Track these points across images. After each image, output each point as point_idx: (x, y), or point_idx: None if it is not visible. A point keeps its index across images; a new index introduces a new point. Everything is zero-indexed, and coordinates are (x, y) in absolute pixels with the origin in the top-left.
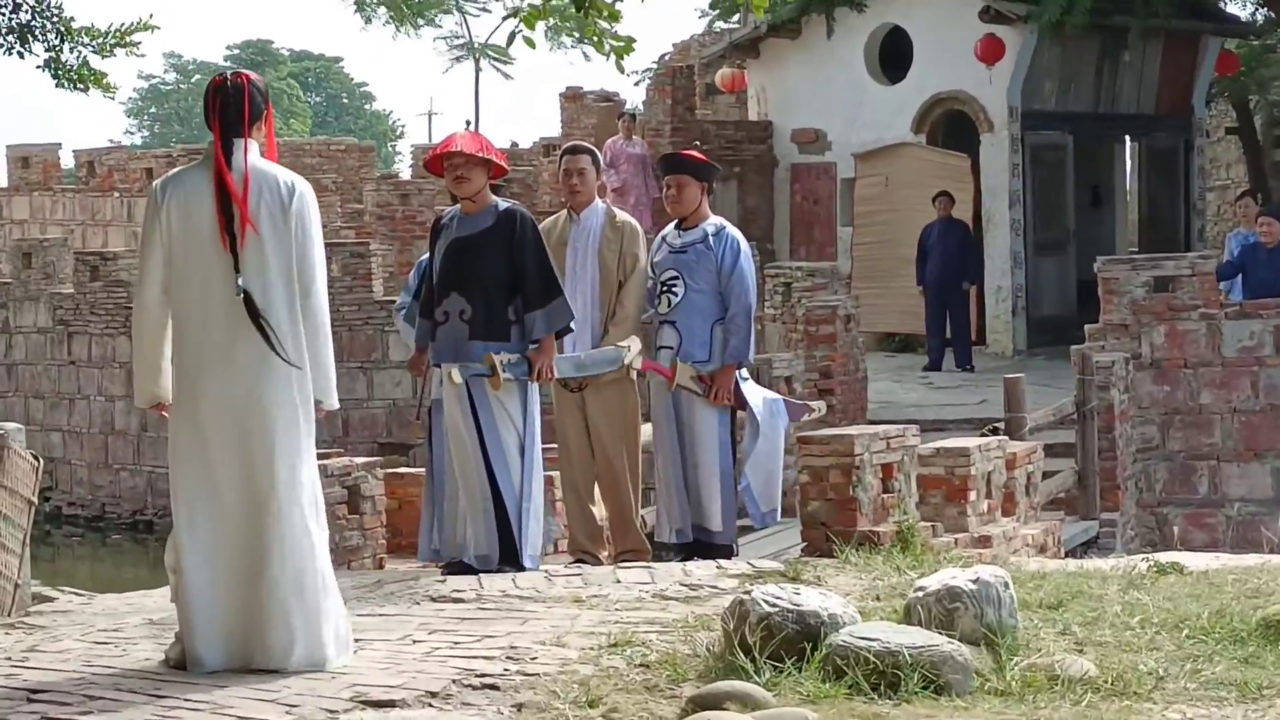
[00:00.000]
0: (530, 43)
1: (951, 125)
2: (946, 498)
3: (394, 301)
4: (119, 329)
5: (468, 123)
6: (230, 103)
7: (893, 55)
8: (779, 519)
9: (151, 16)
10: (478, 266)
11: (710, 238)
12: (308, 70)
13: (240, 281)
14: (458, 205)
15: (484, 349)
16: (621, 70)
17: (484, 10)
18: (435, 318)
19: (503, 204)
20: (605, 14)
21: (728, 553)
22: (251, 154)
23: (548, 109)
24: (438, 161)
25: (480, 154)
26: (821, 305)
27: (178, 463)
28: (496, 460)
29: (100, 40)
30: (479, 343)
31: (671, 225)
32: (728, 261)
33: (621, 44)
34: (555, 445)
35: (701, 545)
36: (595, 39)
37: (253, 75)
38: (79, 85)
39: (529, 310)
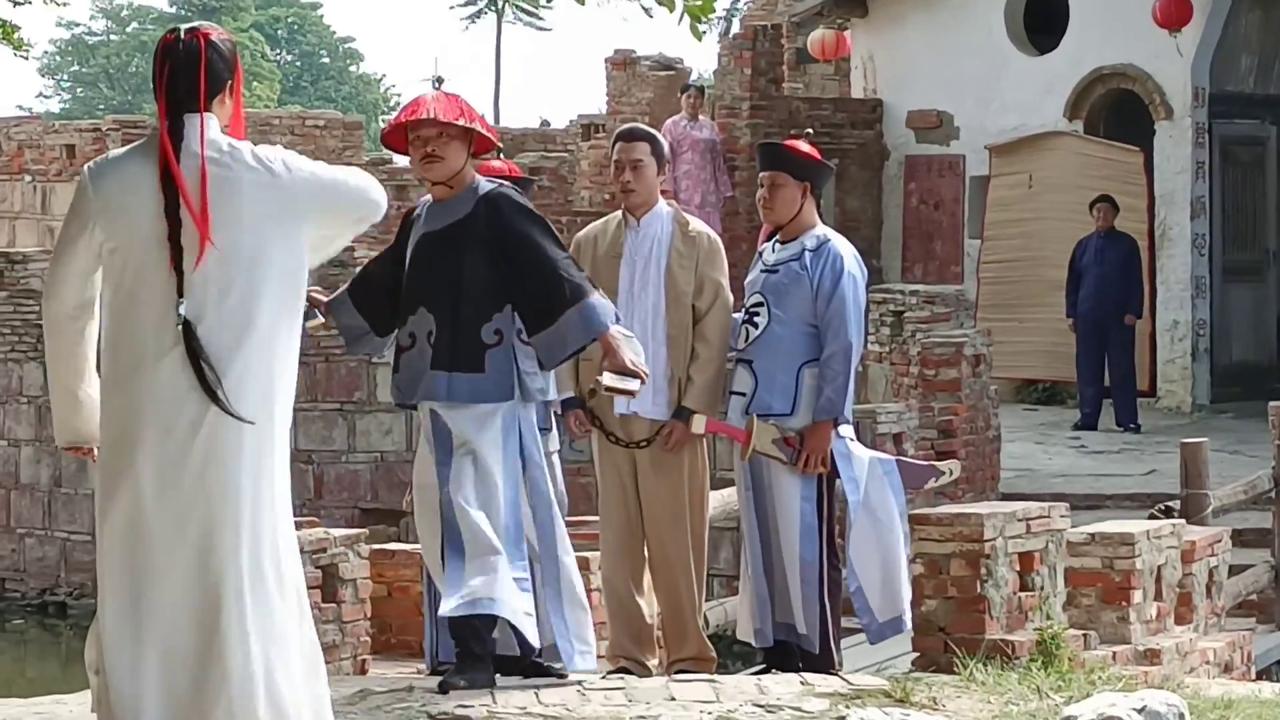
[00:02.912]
0: None
1: (1117, 110)
2: (1103, 598)
3: None
4: (29, 352)
5: (438, 81)
6: (182, 69)
7: (1041, 16)
8: (907, 626)
9: None
10: (445, 270)
11: (807, 253)
12: (277, 20)
13: (182, 309)
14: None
15: (447, 381)
16: (698, 36)
17: None
18: (401, 341)
19: (485, 185)
20: None
21: (820, 662)
22: (211, 133)
23: (590, 78)
24: (400, 133)
25: (459, 121)
26: (942, 342)
27: (106, 531)
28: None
29: None
30: (442, 373)
31: (770, 237)
32: (826, 285)
33: (699, 2)
34: (595, 518)
35: (786, 651)
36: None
37: (214, 32)
38: None
39: (541, 321)
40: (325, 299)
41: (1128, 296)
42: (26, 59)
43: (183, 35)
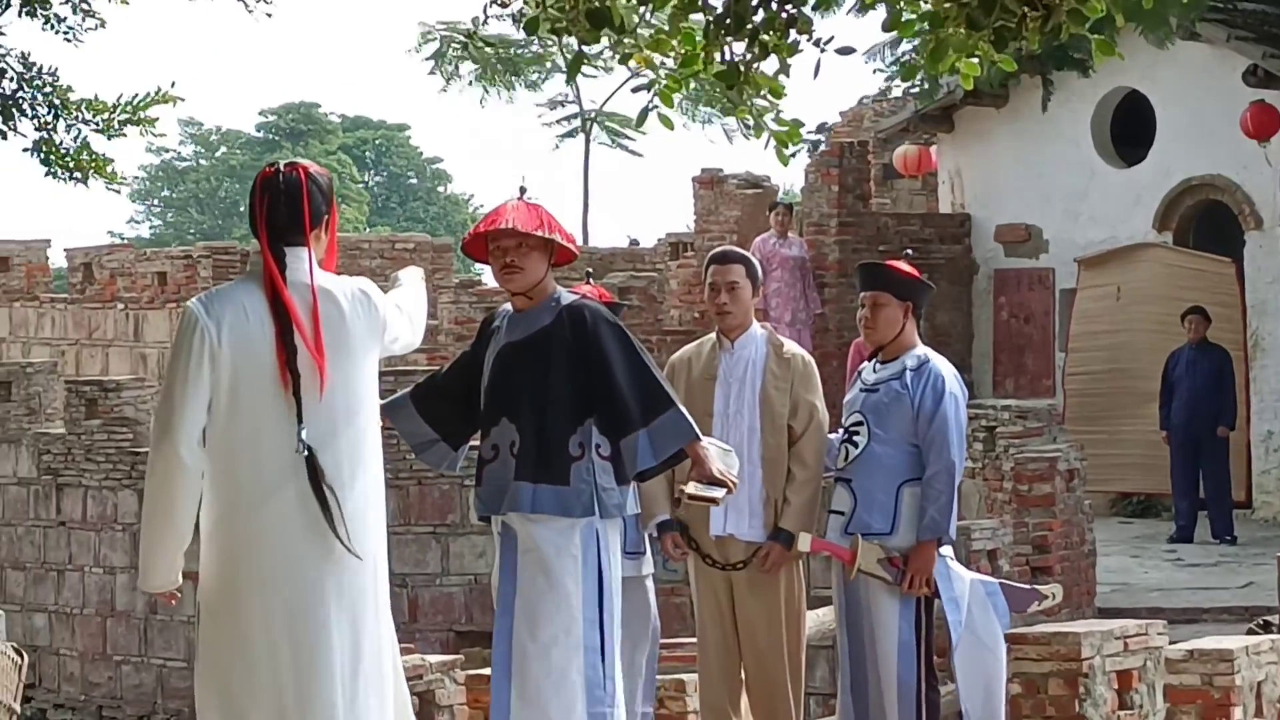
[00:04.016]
0: (667, 122)
1: (1207, 220)
2: (1203, 716)
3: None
4: (123, 480)
5: (522, 190)
6: (283, 201)
7: (1129, 129)
8: None
9: (174, 85)
10: (528, 381)
11: (908, 373)
12: (364, 142)
13: (304, 435)
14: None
15: (532, 492)
16: (784, 162)
17: (605, 69)
18: (483, 453)
19: (567, 297)
20: (764, 90)
21: None
22: (314, 266)
23: (677, 197)
24: (480, 242)
25: (539, 231)
26: (1036, 457)
27: (210, 678)
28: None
29: (106, 116)
30: (526, 484)
31: (868, 356)
32: (927, 405)
33: (785, 128)
34: (691, 640)
35: None
36: (751, 122)
37: (312, 166)
38: (76, 175)
39: (621, 434)
40: (380, 402)
41: (1221, 408)
42: (119, 193)
43: (282, 169)
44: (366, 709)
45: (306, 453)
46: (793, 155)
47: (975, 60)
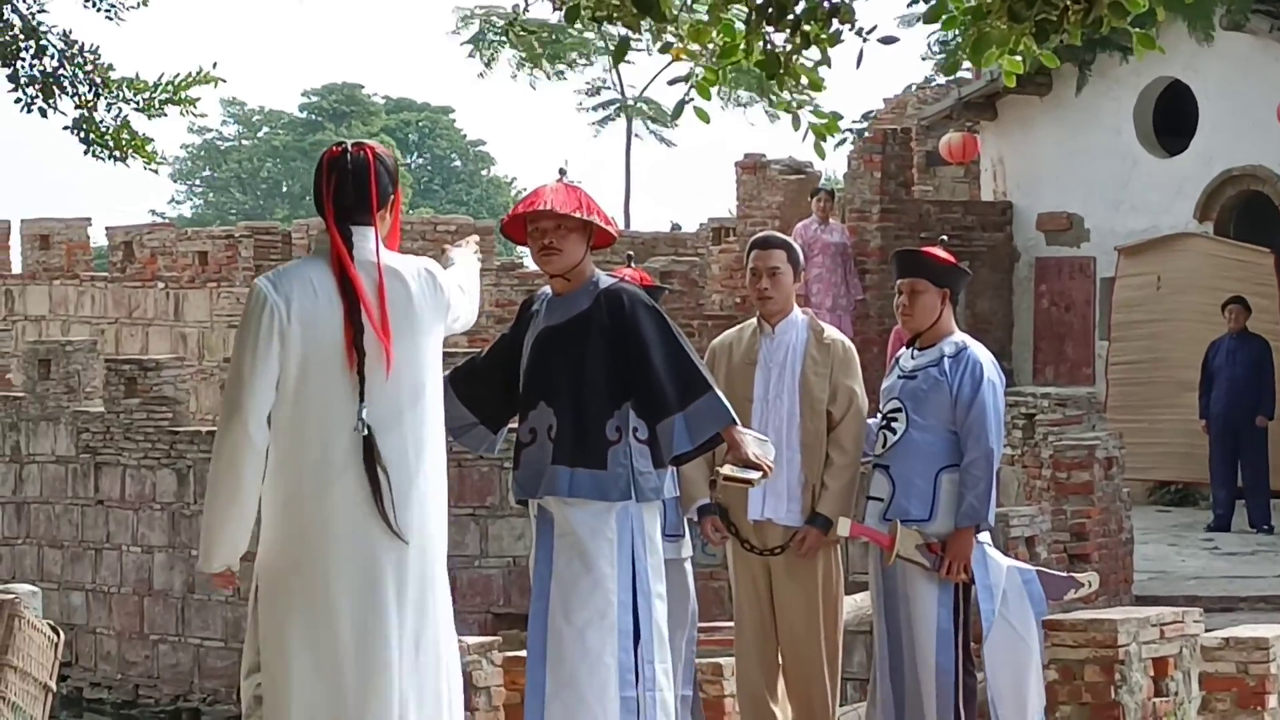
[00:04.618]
0: (703, 115)
1: (1248, 211)
2: (1238, 703)
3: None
4: (161, 459)
5: (562, 172)
6: (350, 181)
7: (1172, 119)
8: None
9: (215, 66)
10: (566, 365)
11: (946, 360)
12: (408, 124)
13: (365, 414)
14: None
15: (569, 476)
16: (821, 155)
17: (645, 53)
18: (521, 437)
19: (605, 280)
20: (803, 81)
21: None
22: (380, 245)
23: (720, 181)
24: (519, 224)
25: (577, 213)
26: (1075, 444)
27: (269, 657)
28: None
29: (147, 95)
30: (564, 468)
31: (907, 342)
32: (965, 391)
33: (824, 120)
34: (729, 624)
35: None
36: (790, 113)
37: (379, 147)
38: (116, 154)
39: (657, 418)
40: None
41: (1259, 398)
42: (156, 173)
43: (350, 148)
44: (423, 692)
45: (366, 432)
46: (838, 146)
47: (1019, 58)
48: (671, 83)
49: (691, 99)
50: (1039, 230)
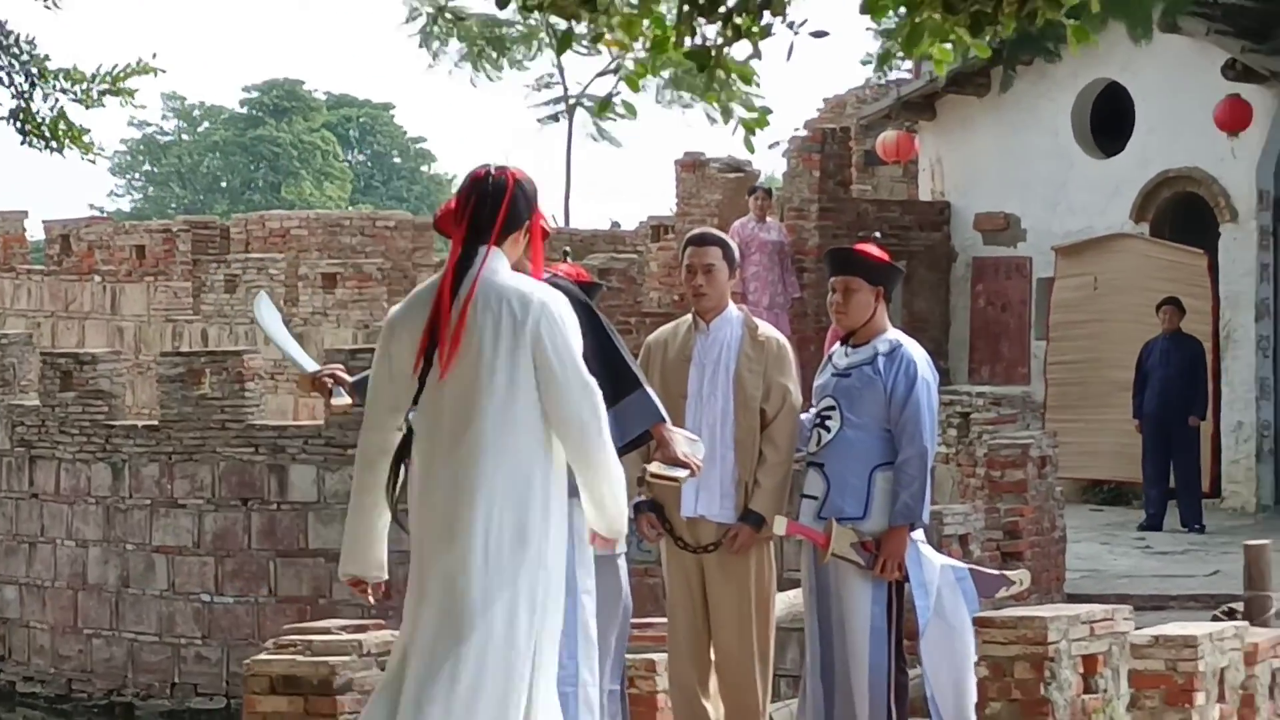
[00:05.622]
0: (630, 109)
1: (1183, 212)
2: (1166, 700)
3: None
4: (96, 453)
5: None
6: (487, 202)
7: (1109, 120)
8: None
9: (155, 57)
10: None
11: (880, 358)
12: (348, 120)
13: (411, 415)
14: None
15: None
16: (751, 149)
17: (592, 51)
18: None
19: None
20: (734, 75)
21: None
22: (495, 265)
23: (659, 180)
24: (452, 220)
25: None
26: (1009, 443)
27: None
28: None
29: (84, 86)
30: None
31: (840, 340)
32: (899, 390)
33: (754, 115)
34: (663, 620)
35: None
36: (720, 107)
37: (522, 175)
38: (53, 144)
39: None
40: (351, 379)
41: (1192, 398)
42: (94, 163)
43: (493, 171)
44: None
45: (405, 430)
46: (773, 146)
47: (949, 46)
48: (600, 74)
49: (619, 92)
50: (976, 230)
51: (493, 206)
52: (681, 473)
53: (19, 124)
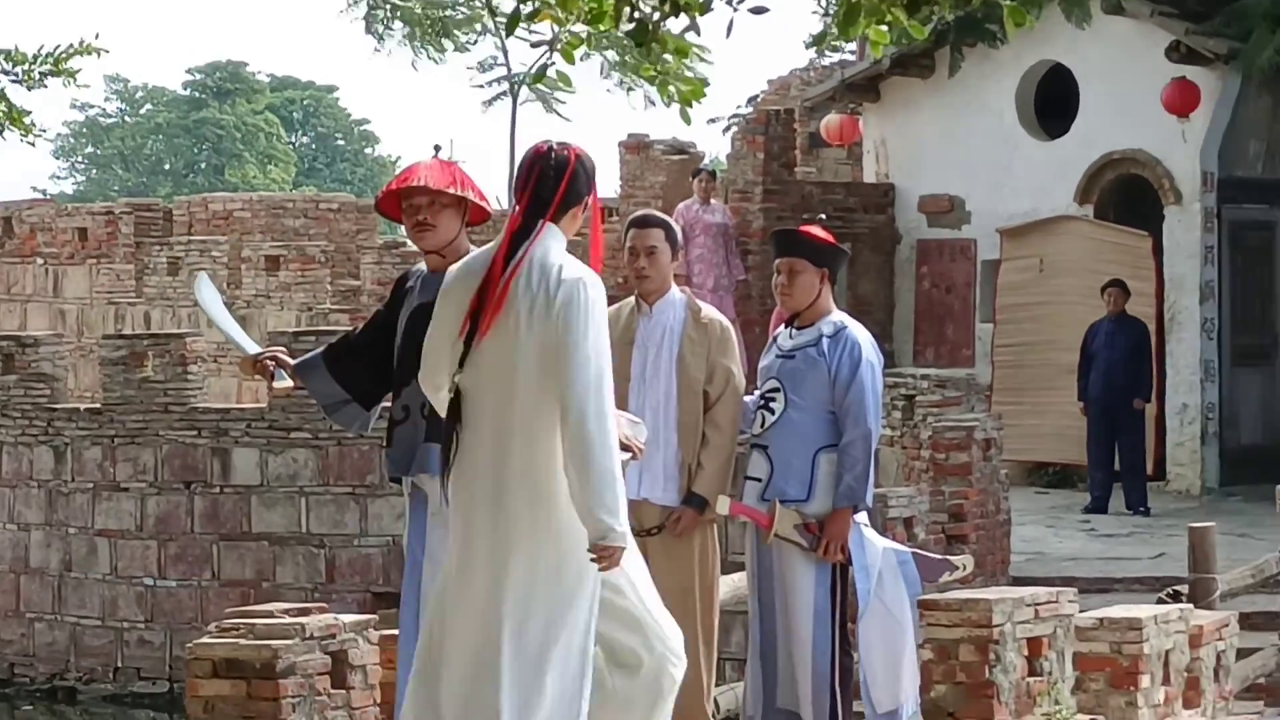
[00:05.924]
0: (565, 79)
1: (1127, 195)
2: (1111, 683)
3: None
4: (39, 436)
5: (437, 148)
6: (550, 177)
7: (1053, 102)
8: (904, 718)
9: (97, 37)
10: None
11: (824, 340)
12: (292, 103)
13: (457, 378)
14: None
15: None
16: (687, 120)
17: (536, 34)
18: (394, 414)
19: None
20: (670, 48)
21: None
22: (548, 241)
23: (603, 162)
24: (394, 200)
25: (450, 189)
26: (953, 426)
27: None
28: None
29: (25, 68)
30: (436, 446)
31: (785, 322)
32: (844, 372)
33: (689, 88)
34: None
35: None
36: (656, 80)
37: (583, 152)
38: None
39: None
40: (292, 362)
41: (1137, 381)
42: (34, 145)
43: (555, 147)
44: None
45: (453, 394)
46: (712, 122)
47: (885, 28)
48: (535, 45)
49: (554, 62)
50: (920, 212)
51: (554, 181)
52: (624, 455)
53: None
